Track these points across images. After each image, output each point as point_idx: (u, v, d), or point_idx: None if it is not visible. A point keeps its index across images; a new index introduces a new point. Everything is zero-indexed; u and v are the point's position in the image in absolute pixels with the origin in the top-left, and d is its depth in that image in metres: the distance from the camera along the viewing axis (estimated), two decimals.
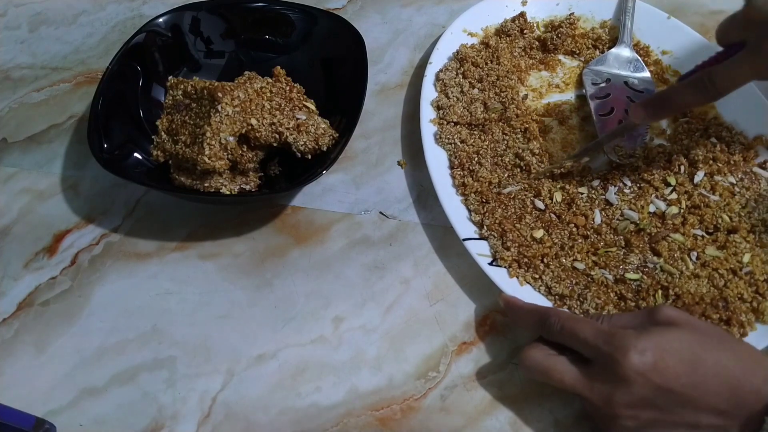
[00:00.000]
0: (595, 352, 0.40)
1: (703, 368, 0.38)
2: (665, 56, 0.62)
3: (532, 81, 0.62)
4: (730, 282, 0.48)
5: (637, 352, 0.38)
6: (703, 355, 0.39)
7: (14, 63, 0.66)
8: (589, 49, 0.63)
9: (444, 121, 0.56)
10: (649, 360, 0.38)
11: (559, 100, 0.60)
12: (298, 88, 0.54)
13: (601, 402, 0.40)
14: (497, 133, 0.56)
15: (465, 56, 0.60)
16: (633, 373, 0.38)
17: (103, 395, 0.47)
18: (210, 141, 0.49)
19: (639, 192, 0.53)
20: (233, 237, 0.54)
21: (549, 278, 0.49)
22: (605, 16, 0.65)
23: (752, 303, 0.47)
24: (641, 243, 0.50)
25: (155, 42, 0.57)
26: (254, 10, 0.60)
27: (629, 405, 0.39)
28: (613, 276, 0.49)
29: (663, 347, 0.39)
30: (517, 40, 0.63)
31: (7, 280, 0.52)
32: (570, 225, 0.51)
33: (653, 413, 0.39)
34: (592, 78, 0.60)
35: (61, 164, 0.59)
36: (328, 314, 0.50)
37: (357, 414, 0.46)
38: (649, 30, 0.63)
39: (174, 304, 0.51)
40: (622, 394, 0.39)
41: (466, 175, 0.53)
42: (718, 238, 0.50)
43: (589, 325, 0.41)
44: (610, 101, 0.58)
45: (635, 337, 0.39)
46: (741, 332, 0.46)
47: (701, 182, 0.53)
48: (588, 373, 0.41)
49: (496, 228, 0.50)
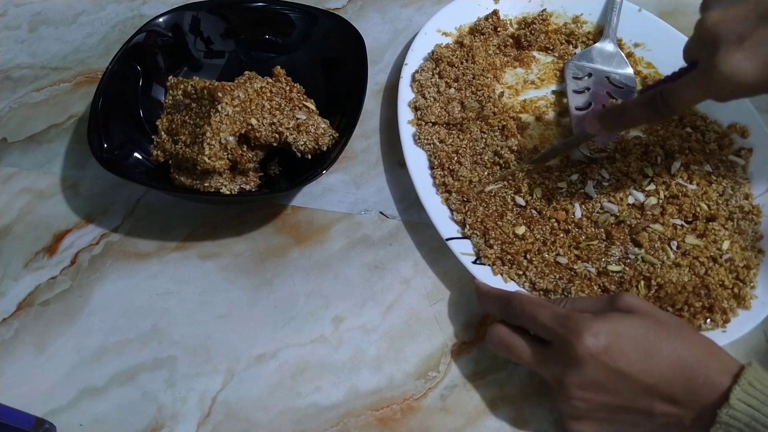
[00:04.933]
0: (552, 335, 0.41)
1: (657, 355, 0.39)
2: (638, 48, 0.63)
3: (508, 78, 0.62)
4: (711, 269, 0.48)
5: (591, 335, 0.39)
6: (659, 343, 0.39)
7: (14, 63, 0.66)
8: (562, 45, 0.63)
9: (422, 122, 0.57)
10: (603, 343, 0.38)
11: (535, 97, 0.61)
12: (298, 88, 0.54)
13: (554, 381, 0.41)
14: (475, 132, 0.56)
15: (440, 56, 0.60)
16: (586, 354, 0.38)
17: (103, 395, 0.47)
18: (210, 141, 0.49)
19: (617, 184, 0.53)
20: (233, 237, 0.54)
21: (533, 274, 0.49)
22: (577, 11, 0.65)
23: (733, 289, 0.48)
24: (622, 235, 0.50)
25: (155, 42, 0.57)
26: (254, 10, 0.60)
27: (581, 386, 0.39)
28: (595, 269, 0.49)
29: (618, 332, 0.39)
30: (492, 38, 0.63)
31: (7, 280, 0.52)
32: (551, 220, 0.52)
33: (605, 397, 0.39)
34: (574, 72, 0.61)
35: (61, 164, 0.59)
36: (328, 314, 0.50)
37: (357, 414, 0.46)
38: (621, 23, 0.63)
39: (174, 304, 0.51)
40: (575, 375, 0.39)
41: (446, 175, 0.54)
42: (698, 227, 0.51)
43: (547, 309, 0.42)
44: (589, 96, 0.59)
45: (591, 320, 0.39)
46: (724, 318, 0.46)
47: (678, 172, 0.53)
48: (545, 352, 0.42)
49: (478, 226, 0.51)
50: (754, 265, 0.49)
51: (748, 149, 0.54)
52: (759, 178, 0.53)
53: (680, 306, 0.47)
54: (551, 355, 0.41)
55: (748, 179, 0.53)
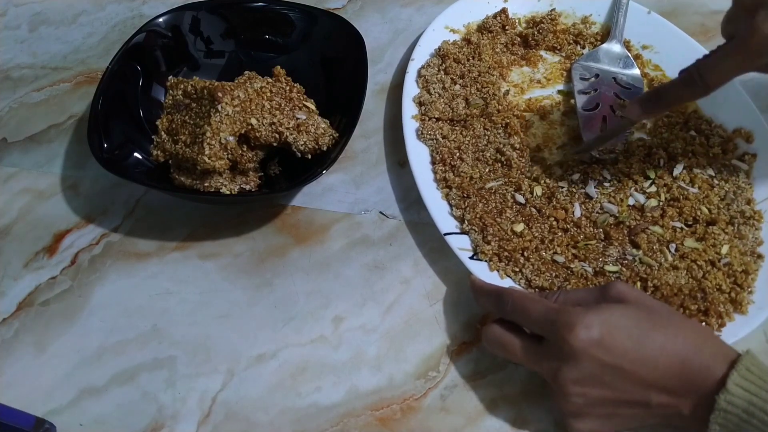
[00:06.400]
0: (544, 330, 0.41)
1: (651, 344, 0.38)
2: (646, 51, 0.62)
3: (514, 77, 0.62)
4: (709, 273, 0.48)
5: (583, 328, 0.38)
6: (652, 332, 0.39)
7: (14, 63, 0.66)
8: (570, 45, 0.63)
9: (426, 117, 0.57)
10: (596, 336, 0.38)
11: (541, 96, 0.61)
12: (298, 87, 0.54)
13: (550, 378, 0.41)
14: (478, 129, 0.56)
15: (447, 53, 0.60)
16: (579, 349, 0.38)
17: (103, 395, 0.47)
18: (210, 141, 0.49)
19: (618, 185, 0.53)
20: (233, 237, 0.54)
21: (529, 271, 0.49)
22: (586, 11, 0.65)
23: (730, 294, 0.47)
24: (620, 236, 0.50)
25: (155, 42, 0.57)
26: (254, 10, 0.60)
27: (577, 381, 0.39)
28: (592, 268, 0.49)
29: (610, 323, 0.39)
30: (499, 36, 0.63)
31: (7, 280, 0.52)
32: (550, 218, 0.51)
33: (601, 391, 0.39)
34: (581, 73, 0.60)
35: (61, 164, 0.59)
36: (328, 314, 0.50)
37: (357, 414, 0.46)
38: (629, 25, 0.63)
39: (174, 304, 0.51)
40: (570, 371, 0.39)
41: (447, 171, 0.54)
42: (697, 230, 0.50)
43: (539, 304, 0.42)
44: (597, 97, 0.59)
45: (582, 313, 0.39)
46: (719, 323, 0.46)
47: (680, 175, 0.53)
48: (539, 349, 0.41)
49: (476, 222, 0.51)
50: (753, 270, 0.49)
51: (752, 154, 0.54)
52: (762, 184, 0.53)
53: (675, 308, 0.47)
54: (546, 351, 0.41)
55: (751, 184, 0.53)
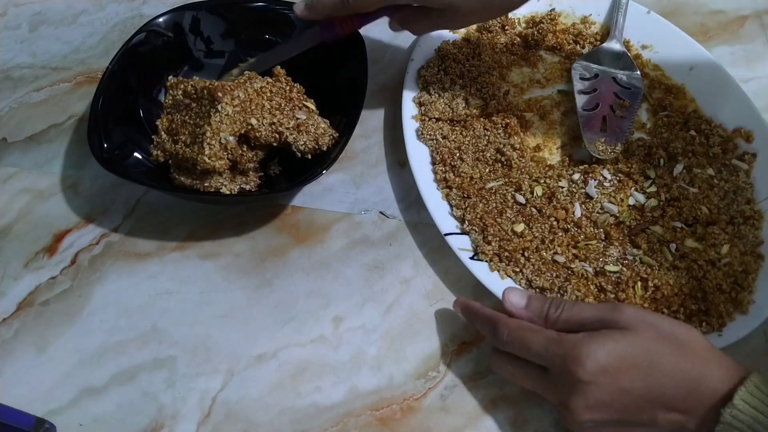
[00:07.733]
0: (548, 363, 0.40)
1: (659, 372, 0.38)
2: (645, 51, 0.62)
3: (514, 77, 0.62)
4: (709, 273, 0.48)
5: (590, 359, 0.38)
6: (660, 360, 0.39)
7: (14, 63, 0.66)
8: (570, 45, 0.63)
9: (426, 118, 0.57)
10: (603, 365, 0.38)
11: (540, 96, 0.61)
12: (298, 87, 0.54)
13: (560, 406, 0.41)
14: (478, 129, 0.56)
15: (446, 53, 0.60)
16: (588, 379, 0.38)
17: (103, 395, 0.47)
18: (210, 141, 0.49)
19: (619, 185, 0.53)
20: (233, 237, 0.54)
21: (529, 271, 0.49)
22: (586, 11, 0.65)
23: (731, 293, 0.48)
24: (621, 235, 0.50)
25: (155, 42, 0.57)
26: (254, 10, 0.60)
27: (587, 408, 0.39)
28: (593, 268, 0.49)
29: (618, 352, 0.39)
30: (499, 36, 0.63)
31: (7, 280, 0.52)
32: (550, 219, 0.51)
33: (612, 414, 0.39)
34: (580, 72, 0.60)
35: (61, 164, 0.59)
36: (328, 314, 0.50)
37: (357, 414, 0.46)
38: (629, 24, 0.63)
39: (174, 304, 0.51)
40: (580, 399, 0.39)
41: (447, 171, 0.54)
42: (697, 230, 0.51)
43: (538, 335, 0.41)
44: (597, 97, 0.59)
45: (587, 343, 0.39)
46: (719, 323, 0.46)
47: (680, 175, 0.53)
48: (546, 378, 0.41)
49: (477, 222, 0.51)
50: (753, 270, 0.49)
51: (752, 154, 0.54)
52: (762, 184, 0.53)
53: (676, 308, 0.47)
54: (553, 380, 0.41)
55: (751, 184, 0.53)
